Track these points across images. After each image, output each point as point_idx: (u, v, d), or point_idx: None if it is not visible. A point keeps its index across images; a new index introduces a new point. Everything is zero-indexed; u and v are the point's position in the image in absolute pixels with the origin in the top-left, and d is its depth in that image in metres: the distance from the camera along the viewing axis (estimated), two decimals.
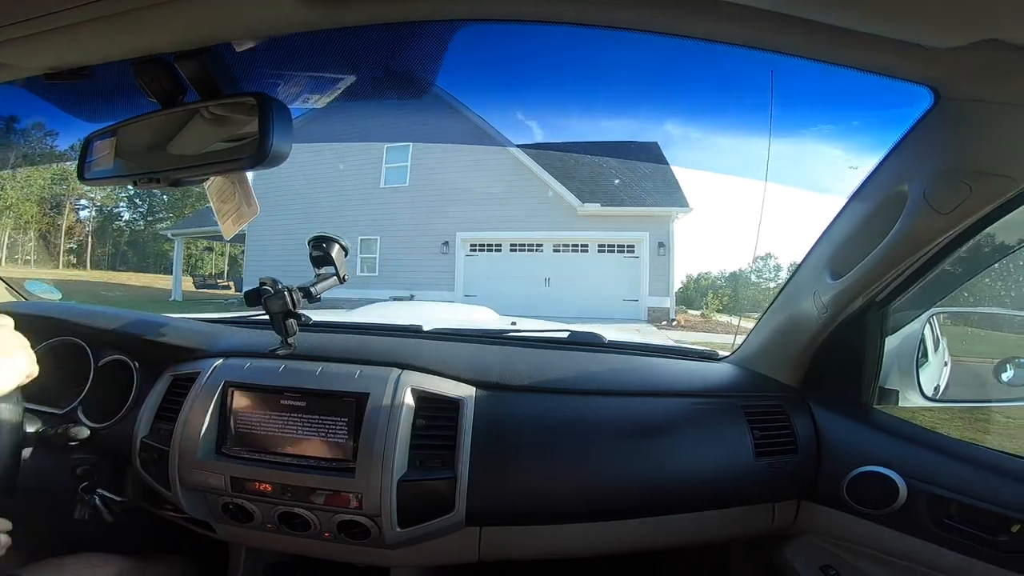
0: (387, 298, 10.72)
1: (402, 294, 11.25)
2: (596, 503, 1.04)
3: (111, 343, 1.30)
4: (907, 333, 1.12)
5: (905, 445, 1.03)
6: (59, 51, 0.72)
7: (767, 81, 0.91)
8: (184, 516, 1.14)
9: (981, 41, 0.54)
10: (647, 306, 11.04)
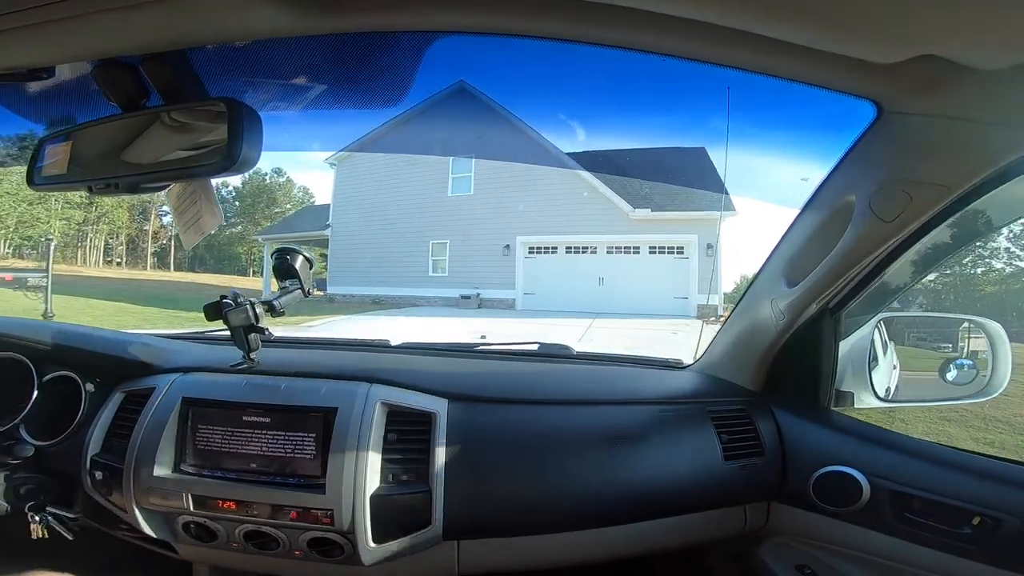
0: (457, 296, 13.07)
1: (469, 292, 13.30)
2: (572, 512, 1.04)
3: (56, 358, 1.23)
4: (858, 337, 1.17)
5: (865, 444, 1.07)
6: (20, 51, 0.69)
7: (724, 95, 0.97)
8: (141, 536, 1.09)
9: (919, 56, 0.58)
10: (696, 304, 11.56)
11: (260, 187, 34.77)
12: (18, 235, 25.24)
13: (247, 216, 33.41)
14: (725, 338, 1.29)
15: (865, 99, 0.76)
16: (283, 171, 35.09)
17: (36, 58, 0.73)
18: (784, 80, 0.74)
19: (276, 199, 34.85)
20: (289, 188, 35.66)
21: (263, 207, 33.47)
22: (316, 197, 34.72)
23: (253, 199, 34.23)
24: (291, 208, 33.57)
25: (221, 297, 1.03)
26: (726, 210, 11.05)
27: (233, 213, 33.48)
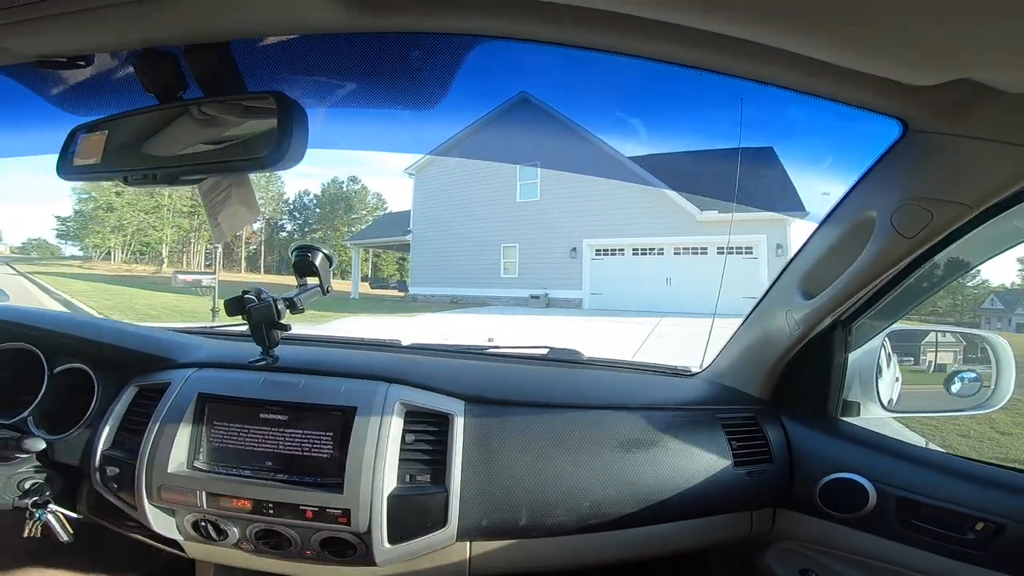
0: (526, 295, 14.06)
1: (538, 292, 14.34)
2: (584, 515, 1.05)
3: (68, 349, 1.21)
4: (867, 349, 1.20)
5: (872, 452, 1.10)
6: (62, 37, 0.69)
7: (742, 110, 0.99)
8: (147, 533, 1.07)
9: (952, 80, 0.60)
10: None
11: (338, 195, 37.35)
12: (137, 241, 30.04)
13: (327, 222, 36.22)
14: (735, 347, 1.32)
15: (892, 118, 0.78)
16: (358, 179, 38.14)
17: (79, 45, 0.72)
18: (812, 96, 0.76)
19: (352, 206, 37.24)
20: (364, 195, 37.95)
21: (341, 213, 36.24)
22: (389, 203, 37.94)
23: (332, 206, 36.89)
24: (366, 214, 36.57)
25: (243, 292, 1.03)
26: (796, 210, 11.50)
27: (314, 219, 37.15)
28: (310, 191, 39.52)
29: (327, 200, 38.29)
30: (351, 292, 19.37)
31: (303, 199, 39.21)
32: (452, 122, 0.93)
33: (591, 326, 9.51)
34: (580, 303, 14.08)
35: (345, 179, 38.44)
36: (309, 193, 38.92)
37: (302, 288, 1.08)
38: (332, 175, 53.06)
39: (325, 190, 38.53)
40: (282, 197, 39.12)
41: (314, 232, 37.00)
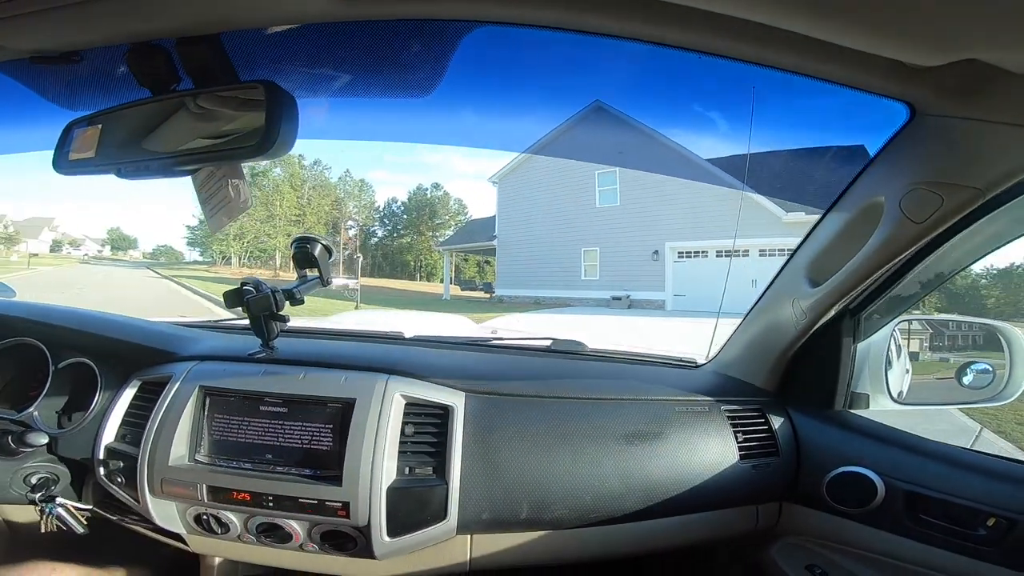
0: (608, 297, 14.69)
1: (620, 294, 14.93)
2: (586, 509, 1.04)
3: (71, 344, 1.21)
4: (876, 339, 1.18)
5: (880, 445, 1.07)
6: (54, 33, 0.69)
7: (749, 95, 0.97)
8: (151, 527, 1.08)
9: (959, 60, 0.58)
10: None
11: (423, 201, 39.96)
12: (254, 247, 33.81)
13: (413, 227, 39.22)
14: (741, 338, 1.29)
15: (899, 101, 0.75)
16: (440, 185, 40.92)
17: (71, 40, 0.72)
18: (817, 80, 0.74)
19: (436, 211, 39.63)
20: (446, 201, 40.35)
21: (426, 219, 39.47)
22: (469, 207, 40.77)
23: (417, 212, 39.59)
24: (449, 219, 38.98)
25: (242, 284, 1.02)
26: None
27: (402, 225, 40.56)
28: (397, 198, 42.77)
29: (413, 206, 40.89)
30: (443, 294, 21.28)
31: (391, 206, 42.18)
32: (449, 110, 0.92)
33: (679, 326, 9.73)
34: (663, 304, 14.42)
35: (428, 186, 41.48)
36: (396, 200, 42.14)
37: (302, 280, 1.08)
38: (416, 182, 58.57)
39: (411, 197, 41.61)
40: (373, 205, 41.67)
41: (402, 237, 39.70)
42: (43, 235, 39.95)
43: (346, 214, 39.35)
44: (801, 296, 1.07)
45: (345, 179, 40.36)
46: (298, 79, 0.83)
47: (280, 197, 34.89)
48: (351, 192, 40.48)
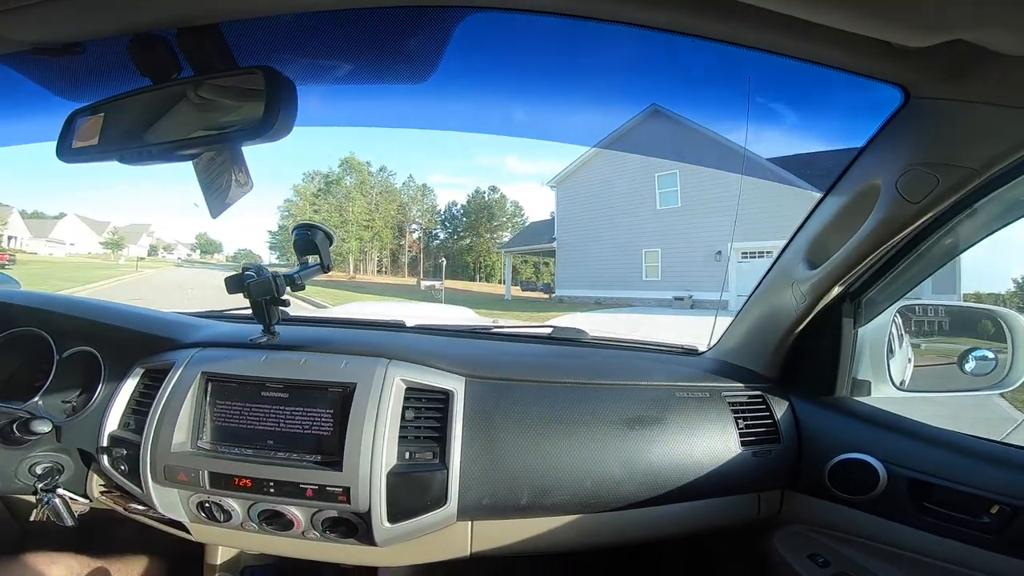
0: (670, 297, 14.92)
1: (682, 294, 14.96)
2: (587, 495, 1.04)
3: (75, 333, 1.22)
4: (877, 325, 1.17)
5: (882, 432, 1.07)
6: (56, 25, 0.70)
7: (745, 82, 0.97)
8: (155, 516, 1.08)
9: (947, 42, 0.58)
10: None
11: (481, 204, 41.49)
12: (332, 250, 31.70)
13: (472, 230, 41.34)
14: (742, 325, 1.30)
15: (892, 84, 0.76)
16: (497, 188, 42.69)
17: (72, 31, 0.73)
18: (810, 64, 0.75)
19: (494, 214, 41.13)
20: (503, 203, 41.89)
21: (484, 221, 41.15)
22: (525, 209, 42.52)
23: (476, 215, 41.14)
24: (506, 220, 41.60)
25: (244, 268, 1.03)
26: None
27: (462, 228, 41.97)
28: (457, 202, 44.84)
29: (472, 210, 42.27)
30: (504, 294, 22.43)
31: (451, 210, 43.72)
32: (445, 96, 0.93)
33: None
34: (726, 304, 14.41)
35: (486, 189, 43.64)
36: (456, 204, 43.79)
37: (303, 266, 1.08)
38: (474, 185, 60.79)
39: (470, 200, 43.07)
40: (435, 208, 43.19)
41: (462, 239, 41.22)
42: (142, 240, 42.92)
43: (410, 218, 41.48)
44: (800, 279, 1.07)
45: (408, 184, 42.12)
46: (297, 67, 0.84)
47: (351, 203, 36.82)
48: (414, 197, 42.06)
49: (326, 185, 38.04)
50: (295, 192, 38.75)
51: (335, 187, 37.70)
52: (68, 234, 39.10)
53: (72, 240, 38.76)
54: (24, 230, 35.31)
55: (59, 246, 37.70)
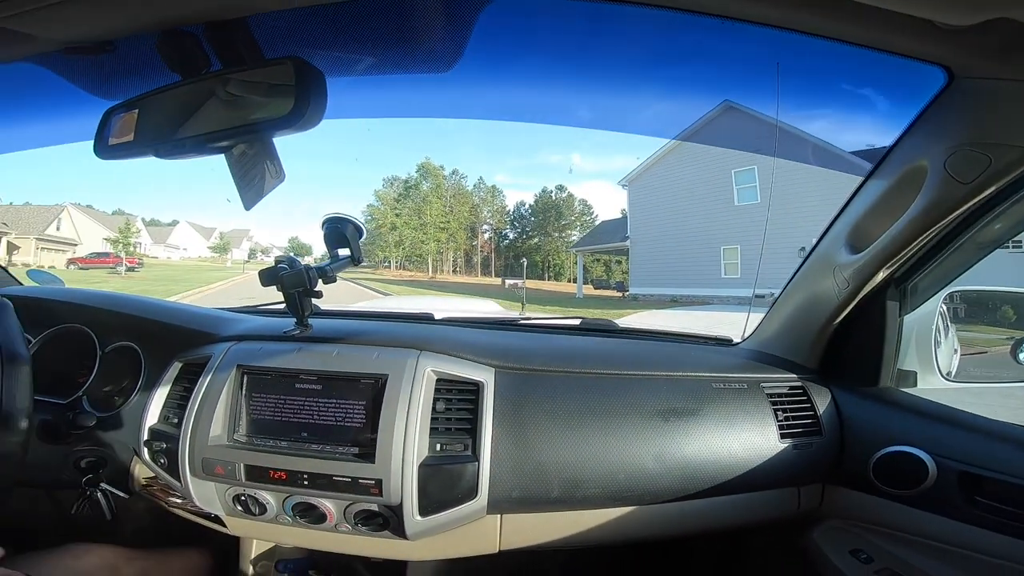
0: (750, 295, 13.39)
1: (763, 291, 12.84)
2: (619, 488, 1.02)
3: (117, 329, 1.25)
4: (924, 313, 1.13)
5: (931, 423, 1.02)
6: (85, 23, 0.71)
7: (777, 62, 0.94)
8: (192, 509, 1.10)
9: (992, 20, 0.56)
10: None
11: (548, 203, 42.14)
12: (411, 252, 38.06)
13: (541, 229, 41.78)
14: (779, 313, 1.25)
15: (934, 64, 0.73)
16: (564, 187, 42.85)
17: (102, 29, 0.74)
18: (850, 45, 0.72)
19: (562, 213, 41.70)
20: (571, 202, 42.34)
21: (552, 220, 41.32)
22: (594, 208, 43.11)
23: (544, 214, 41.88)
24: (574, 219, 41.47)
25: (277, 261, 1.04)
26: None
27: (531, 227, 42.64)
28: (525, 202, 44.84)
29: (540, 209, 42.58)
30: (576, 292, 21.90)
31: (520, 210, 44.01)
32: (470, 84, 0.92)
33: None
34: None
35: (553, 188, 43.47)
36: (524, 204, 44.13)
37: (334, 258, 1.09)
38: (538, 185, 61.87)
39: (537, 200, 43.28)
40: (504, 209, 44.15)
41: (530, 239, 41.94)
42: (243, 245, 45.87)
43: (481, 219, 42.41)
44: (842, 264, 1.03)
45: (479, 186, 43.05)
46: (321, 60, 0.84)
47: (428, 207, 38.26)
48: (485, 198, 43.06)
49: (405, 190, 39.56)
50: (377, 197, 40.31)
51: (413, 191, 39.21)
52: (181, 240, 41.85)
53: (185, 245, 41.52)
54: (146, 236, 37.81)
55: (174, 251, 40.37)
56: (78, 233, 29.19)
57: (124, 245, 28.68)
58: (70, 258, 26.73)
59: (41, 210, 28.43)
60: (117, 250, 27.91)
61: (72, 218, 29.25)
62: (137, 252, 32.28)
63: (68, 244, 28.36)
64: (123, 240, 28.79)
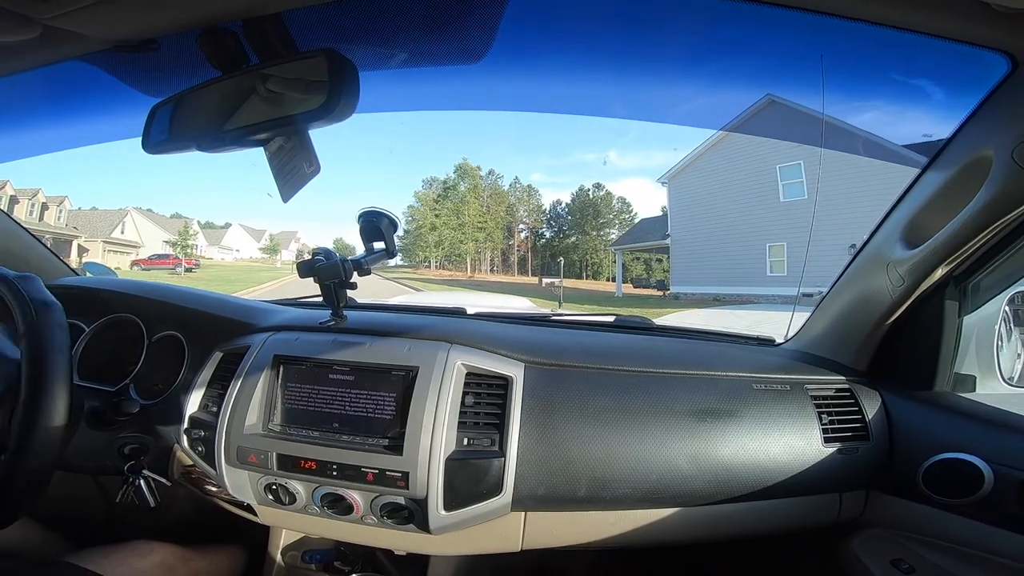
0: (798, 293, 13.59)
1: (811, 290, 12.81)
2: (650, 489, 0.99)
3: (164, 319, 1.29)
4: (986, 314, 1.05)
5: (988, 429, 0.96)
6: (131, 21, 0.73)
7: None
8: (226, 497, 1.13)
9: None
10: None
11: (585, 202, 42.65)
12: (451, 252, 39.32)
13: (578, 227, 42.05)
14: (827, 312, 1.20)
15: (996, 51, 0.69)
16: (602, 185, 43.24)
17: (146, 27, 0.77)
18: (908, 32, 0.68)
19: (600, 211, 42.19)
20: (609, 200, 42.72)
21: (590, 219, 41.54)
22: (634, 206, 43.79)
23: (581, 213, 42.32)
24: (612, 217, 41.59)
25: (313, 253, 1.05)
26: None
27: (568, 226, 42.97)
28: (561, 201, 46.11)
29: (576, 208, 42.86)
30: (615, 291, 21.39)
31: (556, 208, 44.64)
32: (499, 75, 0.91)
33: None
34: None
35: (590, 187, 43.77)
36: (561, 203, 44.87)
37: (368, 251, 1.09)
38: (573, 184, 64.10)
39: (574, 198, 43.62)
40: (540, 208, 44.91)
41: (567, 237, 42.30)
42: (291, 246, 48.81)
43: (518, 218, 43.26)
44: (897, 260, 0.97)
45: (515, 185, 43.88)
46: (355, 53, 0.85)
47: (467, 207, 39.36)
48: (521, 198, 43.75)
49: (444, 191, 40.59)
50: (416, 198, 41.52)
51: (451, 192, 40.15)
52: (234, 241, 44.59)
53: (237, 247, 44.27)
54: (202, 238, 40.16)
55: (228, 252, 42.96)
56: (140, 235, 31.01)
57: (183, 247, 30.66)
58: (133, 260, 28.37)
59: (107, 214, 30.46)
60: (176, 252, 29.75)
61: (135, 221, 31.11)
62: (195, 254, 34.11)
63: (131, 246, 30.18)
64: (181, 242, 30.81)
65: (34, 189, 23.85)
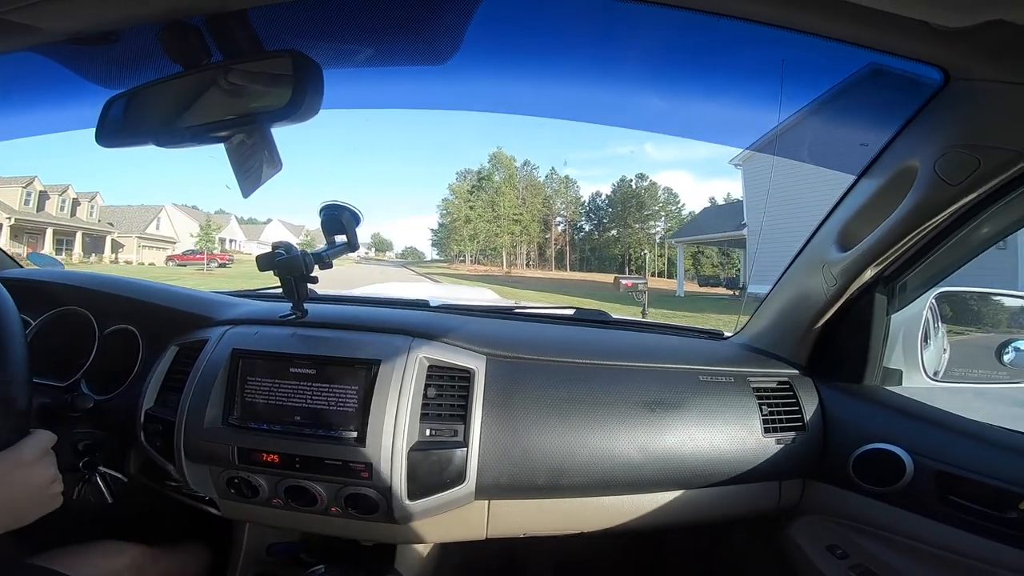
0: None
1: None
2: (604, 476, 1.04)
3: (115, 312, 1.26)
4: (911, 313, 1.14)
5: (911, 422, 1.04)
6: (90, 15, 0.72)
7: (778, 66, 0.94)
8: (187, 492, 1.12)
9: (988, 22, 0.56)
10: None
11: (628, 193, 40.62)
12: (485, 246, 38.35)
13: (619, 220, 40.52)
14: (770, 309, 1.27)
15: (931, 65, 0.74)
16: (646, 176, 42.12)
17: (107, 20, 0.75)
18: (847, 44, 0.73)
19: (644, 203, 40.17)
20: (654, 191, 40.68)
21: (633, 210, 39.90)
22: (681, 197, 41.68)
23: (623, 205, 40.36)
24: (658, 209, 39.80)
25: (274, 247, 1.05)
26: None
27: (608, 218, 41.40)
28: (601, 192, 43.35)
29: (618, 200, 40.84)
30: (676, 290, 18.96)
31: (595, 200, 42.55)
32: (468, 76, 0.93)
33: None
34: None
35: (632, 177, 41.85)
36: (601, 195, 42.58)
37: (331, 245, 1.10)
38: (610, 176, 60.99)
39: (615, 190, 41.55)
40: (579, 200, 42.79)
41: (608, 231, 40.80)
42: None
43: (555, 211, 41.58)
44: (832, 262, 1.05)
45: (551, 177, 42.07)
46: (319, 51, 0.85)
47: (502, 199, 37.70)
48: (558, 190, 41.90)
49: (479, 181, 39.06)
50: (450, 191, 39.92)
51: (486, 182, 38.67)
52: (273, 237, 44.03)
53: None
54: (241, 234, 39.25)
55: (266, 248, 42.56)
56: (175, 231, 30.34)
57: (206, 243, 29.83)
58: (168, 255, 27.96)
59: (142, 210, 29.64)
60: (200, 247, 29.15)
61: (170, 217, 30.44)
62: (231, 249, 33.39)
63: (167, 242, 29.60)
64: (204, 238, 30.00)
65: (64, 185, 23.12)
